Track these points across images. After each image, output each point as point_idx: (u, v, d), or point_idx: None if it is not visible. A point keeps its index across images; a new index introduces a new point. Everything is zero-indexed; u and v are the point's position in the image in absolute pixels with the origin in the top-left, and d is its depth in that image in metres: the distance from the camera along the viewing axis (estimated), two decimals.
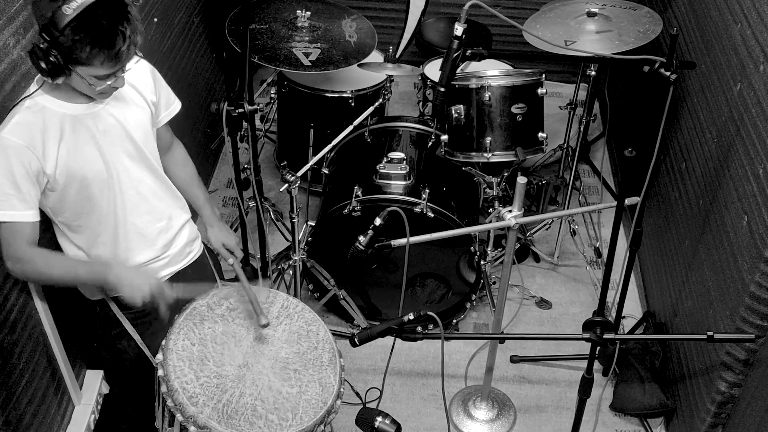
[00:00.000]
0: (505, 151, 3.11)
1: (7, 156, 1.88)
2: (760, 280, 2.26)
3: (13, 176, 1.89)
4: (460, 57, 2.45)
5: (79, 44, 1.79)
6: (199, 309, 2.21)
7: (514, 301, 3.47)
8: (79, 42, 1.79)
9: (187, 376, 2.03)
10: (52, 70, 1.83)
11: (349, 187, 3.06)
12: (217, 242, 2.43)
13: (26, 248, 1.97)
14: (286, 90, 3.64)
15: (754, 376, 2.41)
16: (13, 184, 1.90)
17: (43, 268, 2.01)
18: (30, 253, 1.98)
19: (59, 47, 1.79)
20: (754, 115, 2.40)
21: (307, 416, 2.06)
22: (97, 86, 1.90)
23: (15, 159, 1.88)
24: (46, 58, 1.81)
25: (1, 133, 1.88)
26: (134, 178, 2.14)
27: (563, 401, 3.11)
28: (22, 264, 1.99)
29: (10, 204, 1.91)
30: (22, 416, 2.21)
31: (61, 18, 1.76)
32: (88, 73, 1.86)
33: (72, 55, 1.81)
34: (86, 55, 1.81)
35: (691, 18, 3.16)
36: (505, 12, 2.42)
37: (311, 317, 2.31)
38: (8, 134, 1.88)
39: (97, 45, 1.80)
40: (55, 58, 1.80)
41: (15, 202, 1.92)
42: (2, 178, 1.89)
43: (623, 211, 2.24)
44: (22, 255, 1.97)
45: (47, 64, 1.82)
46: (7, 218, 1.93)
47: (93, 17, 1.78)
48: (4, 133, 1.88)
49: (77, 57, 1.81)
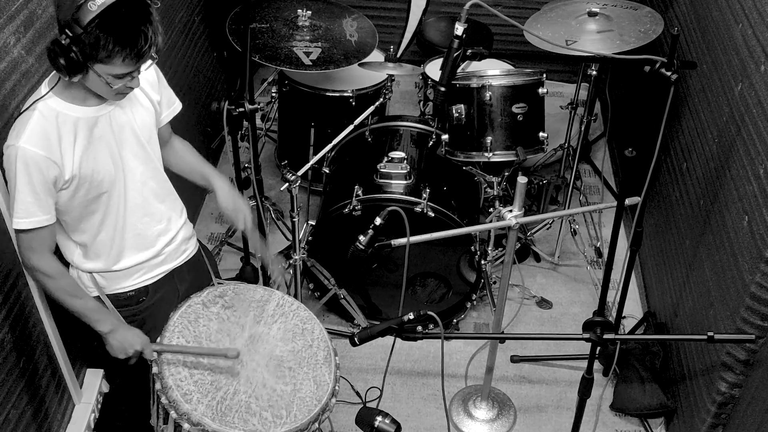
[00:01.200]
0: (505, 151, 3.11)
1: (27, 167, 1.89)
2: (761, 280, 2.26)
3: (33, 186, 1.91)
4: (461, 56, 2.45)
5: (101, 41, 1.79)
6: (194, 307, 2.21)
7: (514, 300, 3.47)
8: (102, 39, 1.79)
9: (182, 374, 2.04)
10: (70, 67, 1.83)
11: (350, 187, 3.06)
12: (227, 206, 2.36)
13: (48, 259, 2.03)
14: (287, 89, 3.64)
15: (754, 377, 2.41)
16: (33, 193, 1.92)
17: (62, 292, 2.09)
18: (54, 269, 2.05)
19: (81, 44, 1.79)
20: (755, 115, 2.40)
21: (301, 414, 2.06)
22: (113, 85, 1.90)
23: (35, 170, 1.90)
24: (66, 55, 1.81)
25: (20, 143, 1.88)
26: (139, 180, 2.15)
27: (563, 401, 3.11)
28: (43, 277, 2.06)
29: (30, 212, 1.94)
30: (22, 415, 2.21)
31: (86, 14, 1.76)
32: (107, 71, 1.86)
33: (93, 52, 1.81)
34: (108, 53, 1.81)
35: (692, 18, 3.16)
36: (506, 11, 2.42)
37: (306, 315, 2.32)
38: (27, 144, 1.88)
39: (119, 43, 1.80)
40: (75, 55, 1.80)
41: (34, 210, 1.95)
42: (23, 187, 1.91)
43: (624, 211, 2.24)
44: (46, 268, 2.04)
45: (67, 61, 1.82)
46: (29, 225, 1.95)
47: (117, 15, 1.79)
48: (22, 143, 1.88)
49: (98, 54, 1.81)
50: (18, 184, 1.90)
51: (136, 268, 2.23)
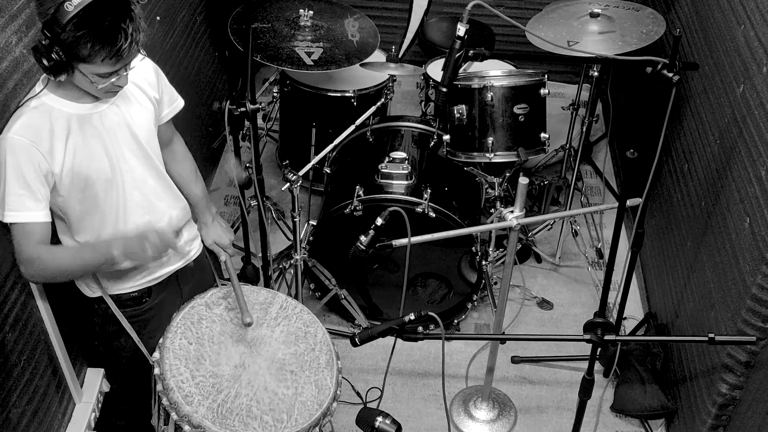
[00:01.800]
0: (507, 152, 3.11)
1: (15, 155, 1.87)
2: (762, 282, 2.26)
3: (23, 176, 1.89)
4: (463, 57, 2.44)
5: (80, 40, 1.79)
6: (197, 308, 2.21)
7: (515, 301, 3.47)
8: (80, 38, 1.79)
9: (183, 375, 2.03)
10: (54, 67, 1.83)
11: (351, 187, 3.06)
12: (208, 240, 2.47)
13: (35, 247, 1.97)
14: (289, 89, 3.64)
15: (755, 378, 2.41)
16: (25, 184, 1.90)
17: (51, 261, 2.00)
18: (38, 250, 1.97)
19: (61, 44, 1.80)
20: (757, 116, 2.40)
21: (302, 418, 2.05)
22: (99, 84, 1.90)
23: (24, 158, 1.88)
24: (48, 55, 1.81)
25: (8, 134, 1.88)
26: (137, 178, 2.14)
27: (564, 402, 3.10)
28: (33, 263, 1.97)
29: (23, 204, 1.91)
30: (22, 414, 2.21)
31: (63, 14, 1.77)
32: (90, 70, 1.86)
33: (73, 51, 1.81)
34: (87, 51, 1.81)
35: (694, 19, 3.16)
36: (508, 12, 2.42)
37: (309, 319, 2.31)
38: (15, 134, 1.88)
39: (98, 41, 1.80)
40: (57, 55, 1.81)
41: (28, 203, 1.91)
42: (12, 178, 1.89)
43: (625, 212, 2.23)
44: (31, 254, 1.97)
45: (50, 61, 1.82)
46: (20, 219, 1.92)
47: (95, 14, 1.79)
48: (10, 133, 1.88)
49: (79, 53, 1.81)
50: (7, 176, 1.88)
51: (139, 269, 2.23)
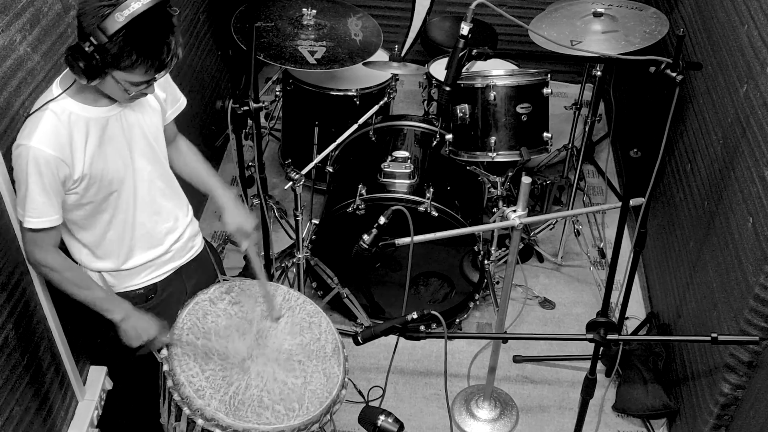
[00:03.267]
0: (509, 151, 3.11)
1: (38, 167, 1.89)
2: (765, 282, 2.26)
3: (44, 186, 1.92)
4: (466, 56, 2.44)
5: (125, 52, 1.80)
6: (201, 304, 2.22)
7: (517, 300, 3.47)
8: (126, 50, 1.80)
9: (193, 370, 2.05)
10: (89, 72, 1.83)
11: (354, 186, 3.06)
12: (231, 226, 2.31)
13: (53, 254, 2.03)
14: (291, 88, 3.64)
15: (757, 378, 2.41)
16: (45, 193, 1.93)
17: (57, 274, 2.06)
18: (58, 263, 2.04)
19: (105, 52, 1.80)
20: (760, 116, 2.40)
21: (313, 406, 2.08)
22: (131, 92, 1.92)
23: (46, 170, 1.90)
24: (88, 61, 1.81)
25: (32, 143, 1.88)
26: (147, 179, 2.16)
27: (566, 401, 3.10)
28: (48, 271, 2.05)
29: (41, 212, 1.95)
30: (26, 411, 2.22)
31: (112, 24, 1.77)
32: (126, 78, 1.87)
33: (116, 61, 1.82)
34: (130, 62, 1.82)
35: (698, 19, 3.15)
36: (511, 11, 2.42)
37: (313, 309, 2.33)
38: (39, 144, 1.88)
39: (143, 54, 1.82)
40: (97, 62, 1.81)
41: (47, 210, 1.96)
42: (35, 187, 1.91)
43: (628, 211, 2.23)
44: (51, 262, 2.03)
45: (87, 67, 1.82)
46: (40, 225, 1.96)
47: (143, 27, 1.79)
48: (34, 143, 1.88)
49: (120, 63, 1.82)
50: (30, 184, 1.91)
51: (145, 266, 2.24)
